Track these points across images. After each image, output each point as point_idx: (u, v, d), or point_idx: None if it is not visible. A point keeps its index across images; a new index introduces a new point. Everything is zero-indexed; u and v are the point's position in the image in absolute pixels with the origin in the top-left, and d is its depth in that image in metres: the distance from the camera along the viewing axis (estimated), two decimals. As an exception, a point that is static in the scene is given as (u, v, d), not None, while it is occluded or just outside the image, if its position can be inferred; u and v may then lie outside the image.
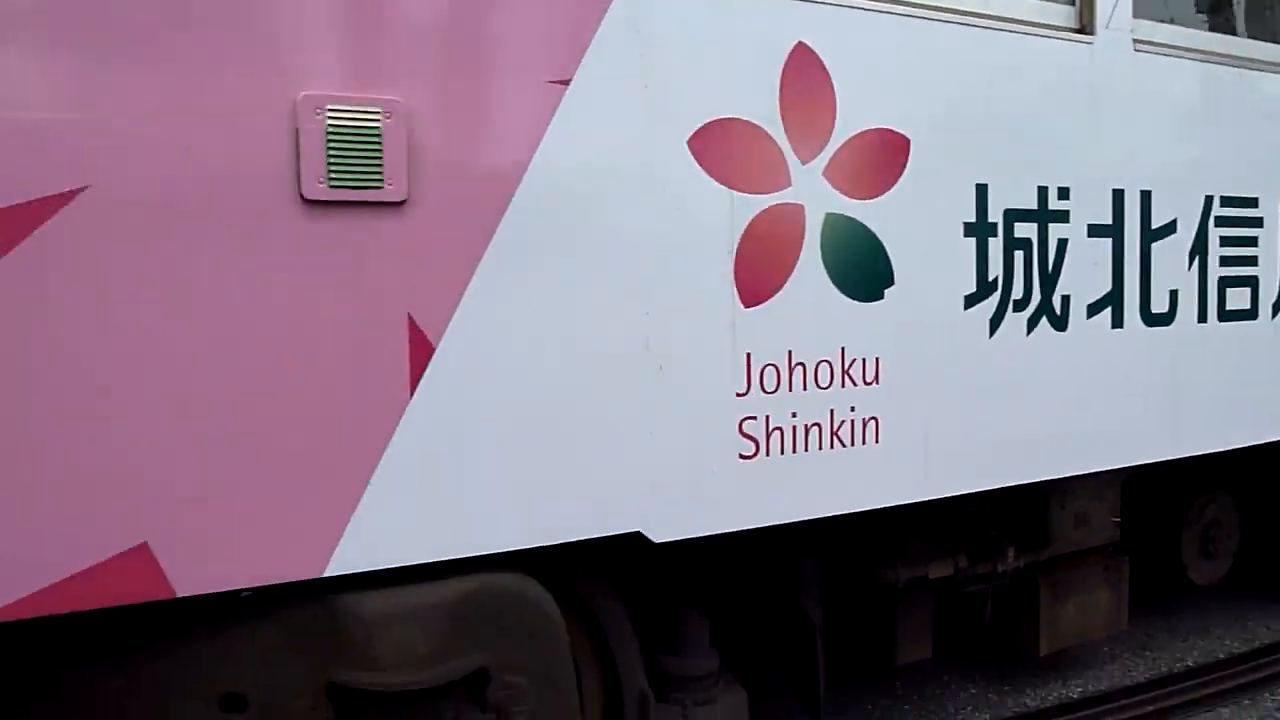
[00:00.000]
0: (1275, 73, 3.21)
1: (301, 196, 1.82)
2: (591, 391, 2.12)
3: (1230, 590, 4.30)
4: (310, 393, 1.86)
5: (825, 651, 2.78)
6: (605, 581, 2.38)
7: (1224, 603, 4.36)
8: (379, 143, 1.87)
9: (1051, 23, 2.75)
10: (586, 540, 2.12)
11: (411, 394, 1.94)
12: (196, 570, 1.79)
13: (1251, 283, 3.19)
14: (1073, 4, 2.80)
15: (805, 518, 2.42)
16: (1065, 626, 3.34)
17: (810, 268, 2.37)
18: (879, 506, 2.52)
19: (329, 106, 1.83)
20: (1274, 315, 3.25)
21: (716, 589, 2.66)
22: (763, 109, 2.28)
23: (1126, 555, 3.48)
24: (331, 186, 1.84)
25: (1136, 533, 3.71)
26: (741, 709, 2.58)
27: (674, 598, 2.57)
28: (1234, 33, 3.27)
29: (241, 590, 1.89)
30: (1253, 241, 3.18)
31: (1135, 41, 2.86)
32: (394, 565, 1.94)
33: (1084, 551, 3.34)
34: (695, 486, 2.26)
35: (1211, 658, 3.88)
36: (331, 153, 1.83)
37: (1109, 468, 2.95)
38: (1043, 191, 2.72)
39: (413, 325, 1.94)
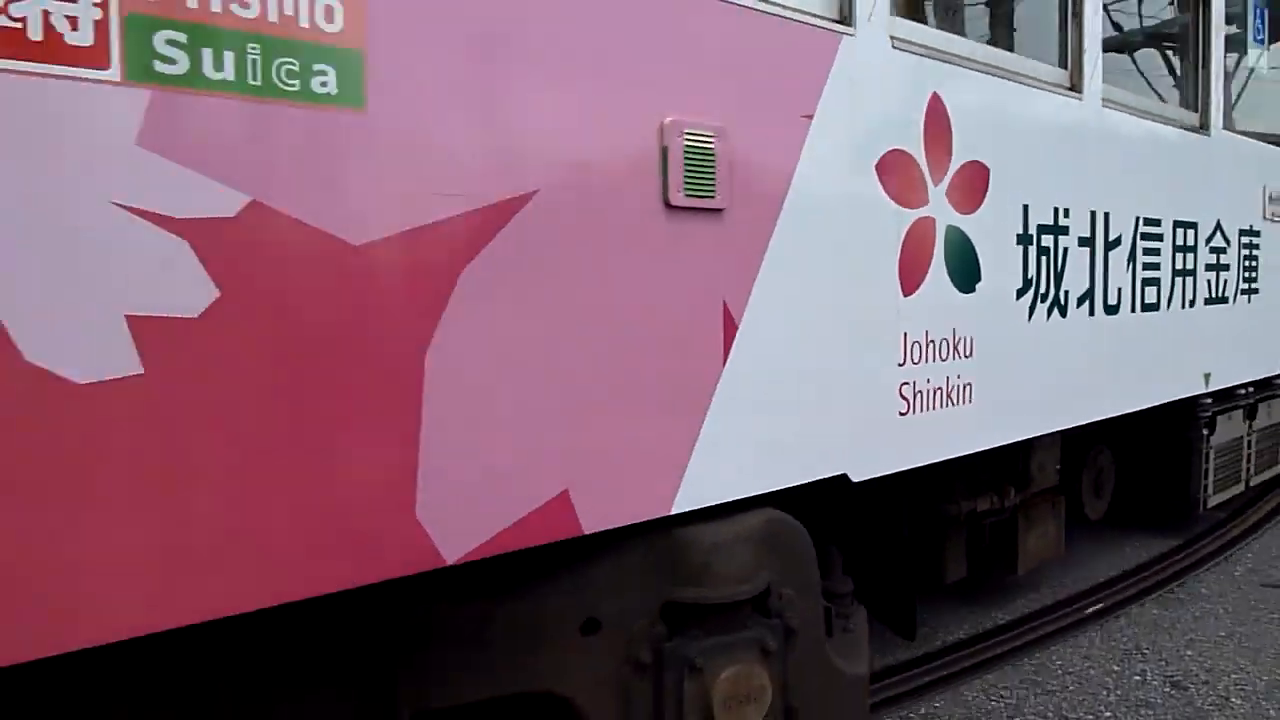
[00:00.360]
0: (1173, 126, 4.32)
1: (667, 203, 2.24)
2: (823, 362, 2.67)
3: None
4: (664, 363, 2.28)
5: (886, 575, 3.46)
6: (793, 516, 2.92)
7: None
8: (713, 161, 2.32)
9: (1057, 83, 3.62)
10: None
11: (724, 365, 2.40)
12: (594, 511, 2.16)
13: (1156, 283, 4.27)
14: (1066, 68, 3.70)
15: (935, 460, 3.09)
16: (1031, 552, 4.27)
17: (938, 266, 3.05)
18: (973, 451, 3.25)
19: (685, 130, 2.26)
20: (1168, 307, 4.36)
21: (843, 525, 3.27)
22: (914, 142, 2.93)
23: (1063, 495, 4.48)
24: (686, 195, 2.27)
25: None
26: (866, 620, 3.21)
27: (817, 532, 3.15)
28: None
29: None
30: (1157, 252, 4.26)
31: (1103, 100, 3.81)
32: (712, 504, 2.39)
33: (1041, 492, 4.28)
34: (873, 437, 2.87)
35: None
36: (688, 168, 2.26)
37: (1090, 420, 3.88)
38: (1056, 211, 3.58)
39: (725, 309, 2.40)
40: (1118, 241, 3.95)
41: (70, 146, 1.45)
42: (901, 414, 2.95)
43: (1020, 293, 3.42)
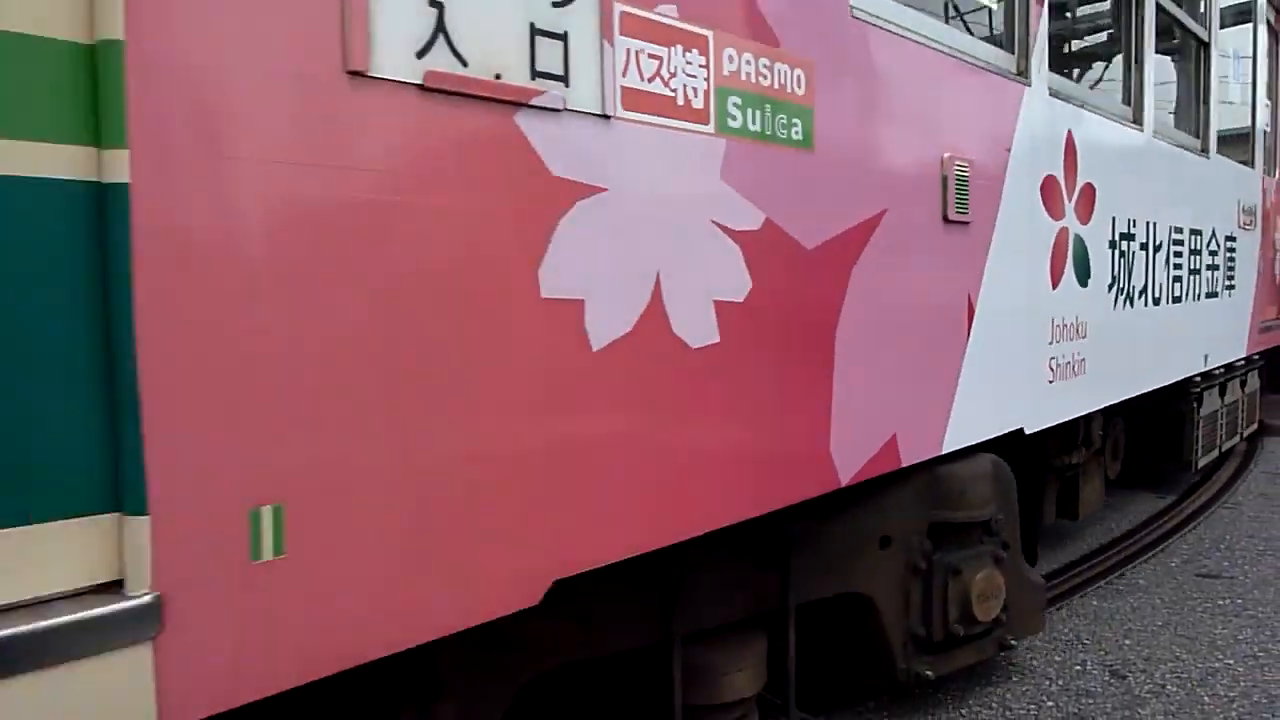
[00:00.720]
0: (1189, 151, 5.30)
1: (945, 218, 2.96)
2: (1012, 339, 3.44)
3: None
4: (940, 338, 2.99)
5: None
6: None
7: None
8: (968, 185, 3.05)
9: (1128, 118, 4.51)
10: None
11: (967, 340, 3.14)
12: (908, 450, 2.86)
13: (1180, 280, 5.23)
14: (1130, 105, 4.59)
15: (1067, 419, 3.91)
16: (1086, 502, 5.16)
17: (1069, 266, 3.87)
18: (1086, 412, 4.09)
19: (956, 162, 2.98)
20: (1185, 300, 5.33)
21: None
22: (1059, 168, 3.74)
23: (1103, 456, 5.40)
24: (955, 213, 2.99)
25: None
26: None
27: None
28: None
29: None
30: (1180, 254, 5.22)
31: (1154, 132, 4.72)
32: (962, 447, 3.12)
33: (1094, 453, 5.18)
34: (1035, 399, 3.65)
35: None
36: (956, 191, 2.99)
37: (1147, 389, 4.79)
38: (1129, 221, 4.46)
39: (969, 297, 3.14)
40: (1160, 246, 4.88)
41: (698, 181, 2.07)
42: (1050, 382, 3.75)
43: (1110, 287, 4.28)
